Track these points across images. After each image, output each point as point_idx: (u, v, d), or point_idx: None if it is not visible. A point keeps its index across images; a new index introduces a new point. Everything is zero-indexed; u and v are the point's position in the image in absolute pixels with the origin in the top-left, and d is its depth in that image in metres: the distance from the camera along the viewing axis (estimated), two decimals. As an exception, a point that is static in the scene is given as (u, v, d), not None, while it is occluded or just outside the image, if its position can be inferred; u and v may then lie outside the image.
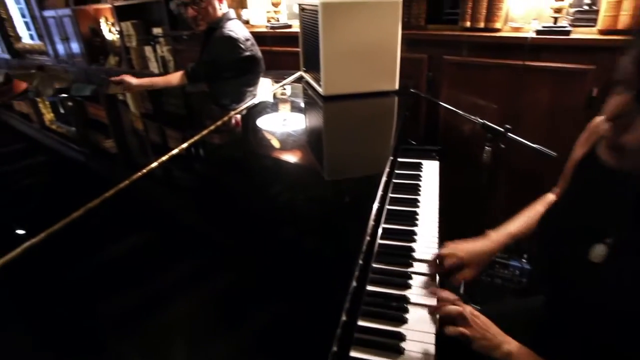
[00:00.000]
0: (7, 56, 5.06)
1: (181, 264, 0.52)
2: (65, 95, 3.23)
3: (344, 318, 0.42)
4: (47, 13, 3.92)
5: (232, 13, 1.82)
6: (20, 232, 0.65)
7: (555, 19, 1.41)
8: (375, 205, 0.62)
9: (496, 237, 0.90)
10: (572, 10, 1.45)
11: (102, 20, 3.53)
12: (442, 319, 0.70)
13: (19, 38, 4.84)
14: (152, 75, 3.18)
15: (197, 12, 1.75)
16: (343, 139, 1.06)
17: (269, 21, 2.27)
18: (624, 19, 1.32)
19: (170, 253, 0.55)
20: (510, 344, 0.65)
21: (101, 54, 3.78)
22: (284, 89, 1.48)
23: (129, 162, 1.02)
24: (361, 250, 0.52)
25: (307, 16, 1.31)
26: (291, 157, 0.90)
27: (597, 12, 1.41)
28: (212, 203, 0.69)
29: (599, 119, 0.69)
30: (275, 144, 0.97)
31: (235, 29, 1.73)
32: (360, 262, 0.51)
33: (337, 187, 0.76)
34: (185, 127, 1.23)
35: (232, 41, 1.69)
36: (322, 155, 0.95)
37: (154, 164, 0.78)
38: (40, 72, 2.32)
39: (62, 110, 1.59)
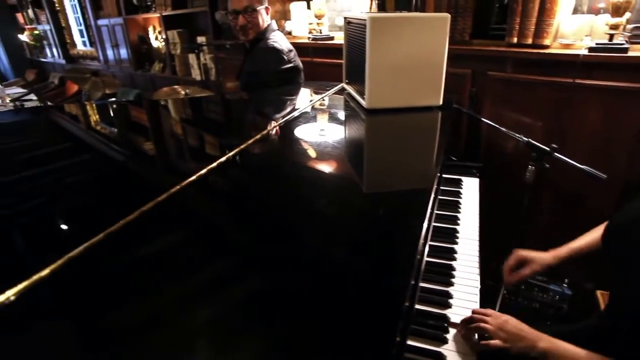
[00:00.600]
0: (62, 61, 5.40)
1: (232, 283, 0.54)
2: (112, 99, 3.41)
3: (397, 339, 0.42)
4: (101, 22, 4.16)
5: (274, 24, 1.87)
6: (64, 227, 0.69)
7: (611, 35, 1.36)
8: (425, 224, 0.62)
9: (559, 252, 0.97)
10: (630, 26, 1.39)
11: (150, 29, 3.71)
12: (478, 335, 0.71)
13: (74, 45, 5.16)
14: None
15: (247, 21, 1.80)
16: (388, 152, 1.06)
17: (310, 32, 2.31)
18: (688, 38, 1.25)
19: (222, 271, 0.56)
20: (543, 340, 0.67)
21: (147, 61, 3.97)
22: (324, 100, 1.49)
23: (168, 166, 1.05)
24: (413, 270, 0.52)
25: (353, 29, 1.33)
26: (334, 170, 0.91)
27: (657, 29, 1.35)
28: (258, 218, 0.71)
29: None
30: (319, 155, 0.98)
31: (279, 40, 1.77)
32: (412, 282, 0.51)
33: (385, 203, 0.76)
34: (224, 135, 1.26)
35: (276, 52, 1.73)
36: (366, 169, 0.95)
37: (203, 171, 0.80)
38: (94, 77, 2.45)
39: (108, 113, 1.67)
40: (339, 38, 2.12)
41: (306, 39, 2.16)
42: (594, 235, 0.90)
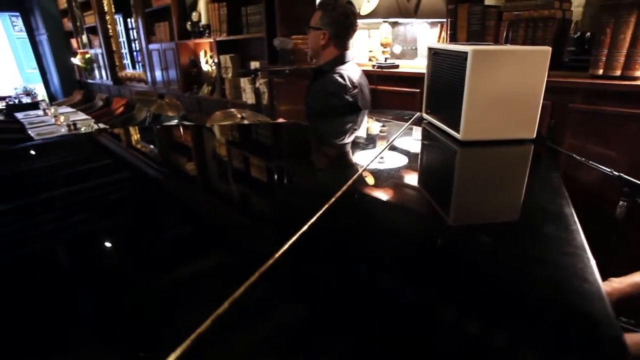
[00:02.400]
0: (109, 82, 5.66)
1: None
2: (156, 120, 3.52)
3: None
4: (153, 46, 4.35)
5: (347, 55, 1.85)
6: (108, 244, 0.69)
7: None
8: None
9: (616, 284, 0.87)
10: None
11: (201, 53, 3.85)
12: None
13: (123, 67, 5.40)
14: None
15: (306, 38, 1.84)
16: (489, 185, 1.04)
17: (370, 60, 2.34)
18: None
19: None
20: None
21: (195, 83, 4.10)
22: (409, 129, 1.49)
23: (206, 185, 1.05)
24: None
25: (442, 60, 1.32)
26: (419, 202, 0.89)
27: None
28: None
29: None
30: (406, 186, 0.97)
31: (345, 74, 1.76)
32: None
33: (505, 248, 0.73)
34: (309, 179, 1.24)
35: (337, 87, 1.74)
36: (455, 200, 0.92)
37: (305, 227, 0.79)
38: (160, 99, 2.54)
39: (151, 133, 1.71)
40: (404, 66, 2.13)
41: (369, 67, 2.18)
42: None
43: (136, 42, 5.01)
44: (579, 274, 0.62)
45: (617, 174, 1.35)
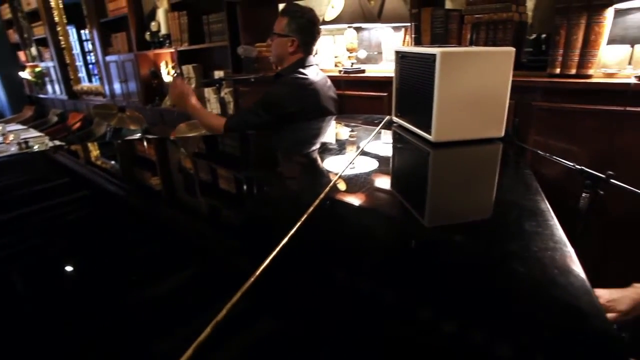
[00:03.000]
0: (64, 97, 5.38)
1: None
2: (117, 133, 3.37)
3: None
4: (110, 58, 4.18)
5: (307, 60, 1.86)
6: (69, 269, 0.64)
7: (658, 65, 1.40)
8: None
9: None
10: (673, 56, 1.43)
11: (162, 64, 3.73)
12: None
13: (78, 80, 5.15)
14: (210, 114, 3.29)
15: (269, 44, 1.84)
16: (464, 184, 1.04)
17: (336, 65, 2.34)
18: None
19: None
20: None
21: (157, 95, 3.97)
22: (380, 133, 1.48)
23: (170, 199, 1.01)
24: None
25: (410, 63, 1.33)
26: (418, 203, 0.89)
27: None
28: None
29: None
30: (383, 190, 0.96)
31: (296, 80, 1.77)
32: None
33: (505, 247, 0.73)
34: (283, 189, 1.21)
35: (288, 89, 1.74)
36: (433, 201, 0.92)
37: (294, 229, 0.76)
38: (121, 113, 2.42)
39: (112, 148, 1.63)
40: (370, 71, 2.15)
41: (336, 72, 2.18)
42: None
43: (92, 54, 4.80)
44: (562, 269, 0.63)
45: (579, 167, 1.40)
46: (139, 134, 2.78)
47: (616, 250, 1.63)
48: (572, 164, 1.42)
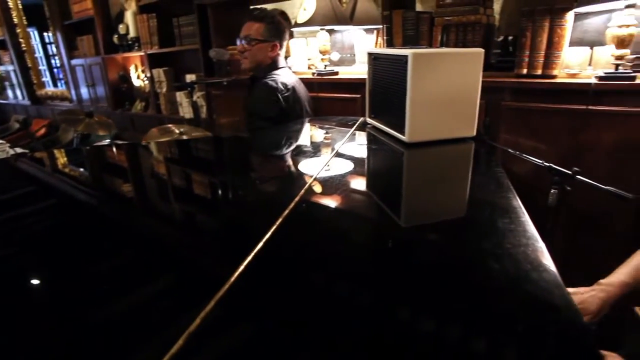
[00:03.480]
0: (26, 102, 5.15)
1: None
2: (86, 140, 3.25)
3: None
4: (76, 62, 4.03)
5: (282, 61, 1.88)
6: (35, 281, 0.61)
7: (617, 65, 1.46)
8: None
9: (609, 287, 0.89)
10: (632, 56, 1.50)
11: (131, 68, 3.63)
12: None
13: (42, 85, 4.94)
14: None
15: (245, 49, 1.82)
16: (439, 183, 1.06)
17: (309, 68, 2.34)
18: (687, 66, 1.36)
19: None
20: None
21: (127, 100, 3.86)
22: (354, 135, 1.49)
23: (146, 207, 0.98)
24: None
25: (383, 64, 1.34)
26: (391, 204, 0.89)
27: (655, 58, 1.47)
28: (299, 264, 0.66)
29: None
30: (360, 191, 0.96)
31: (277, 78, 1.77)
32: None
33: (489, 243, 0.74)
34: (260, 192, 1.19)
35: (269, 91, 1.74)
36: (410, 201, 0.93)
37: (269, 233, 0.75)
38: (88, 118, 2.33)
39: (80, 155, 1.57)
40: (344, 73, 2.15)
41: (309, 75, 2.18)
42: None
43: (56, 57, 4.61)
44: (534, 264, 0.64)
45: (547, 164, 1.44)
46: (108, 140, 2.69)
47: (584, 244, 1.69)
48: (540, 161, 1.47)
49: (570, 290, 0.91)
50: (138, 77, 3.62)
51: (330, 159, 1.19)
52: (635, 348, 1.18)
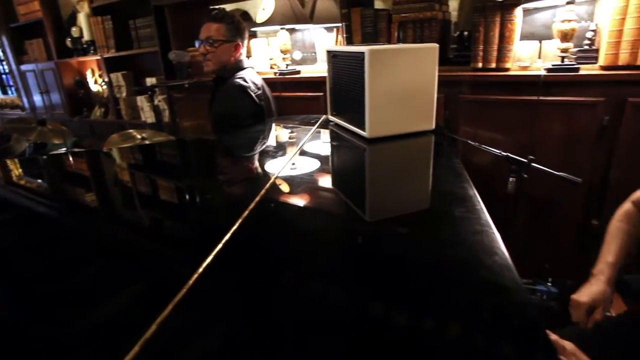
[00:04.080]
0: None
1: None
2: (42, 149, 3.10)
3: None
4: (26, 67, 3.83)
5: (246, 62, 1.86)
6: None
7: (562, 58, 1.54)
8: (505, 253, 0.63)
9: (602, 275, 0.94)
10: (574, 49, 1.58)
11: (88, 72, 3.49)
12: None
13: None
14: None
15: (207, 51, 1.79)
16: (412, 178, 1.08)
17: (271, 67, 2.33)
18: (624, 57, 1.45)
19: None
20: None
21: (85, 106, 3.70)
22: (316, 133, 1.49)
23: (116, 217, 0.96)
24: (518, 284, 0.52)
25: (342, 62, 1.35)
26: (353, 198, 0.90)
27: (596, 50, 1.55)
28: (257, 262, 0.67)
29: None
30: (325, 189, 0.97)
31: (247, 77, 1.76)
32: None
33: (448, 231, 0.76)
34: (219, 191, 1.18)
35: (242, 90, 1.72)
36: (373, 196, 0.95)
37: (229, 234, 0.75)
38: (40, 126, 2.22)
39: (36, 164, 1.48)
40: (306, 71, 2.15)
41: (271, 74, 2.16)
42: (620, 237, 0.95)
43: (4, 62, 4.36)
44: (487, 250, 0.66)
45: (504, 154, 1.50)
46: (64, 149, 2.57)
47: (543, 227, 1.78)
48: (498, 151, 1.52)
49: (576, 295, 0.93)
50: (95, 82, 3.48)
51: (292, 157, 1.18)
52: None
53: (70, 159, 1.55)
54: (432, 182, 1.03)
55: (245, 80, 1.74)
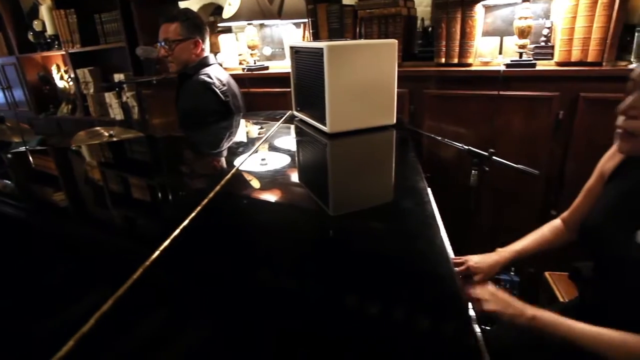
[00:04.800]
0: None
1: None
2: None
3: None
4: (-14, 62, 3.67)
5: (211, 58, 1.84)
6: None
7: (520, 54, 1.58)
8: (446, 242, 0.65)
9: (503, 252, 1.05)
10: (532, 46, 1.63)
11: (53, 68, 3.38)
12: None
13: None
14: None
15: (167, 53, 1.77)
16: (367, 173, 1.09)
17: (240, 63, 2.31)
18: (576, 53, 1.51)
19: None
20: (532, 309, 0.75)
21: (51, 103, 3.58)
22: (279, 129, 1.49)
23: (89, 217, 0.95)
24: (454, 279, 0.54)
25: (304, 58, 1.36)
26: (310, 196, 0.91)
27: (552, 47, 1.61)
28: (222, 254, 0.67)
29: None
30: (295, 185, 0.98)
31: (212, 74, 1.74)
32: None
33: (391, 224, 0.78)
34: (180, 184, 1.17)
35: (207, 87, 1.70)
36: (331, 191, 0.97)
37: (186, 222, 0.75)
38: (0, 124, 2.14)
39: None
40: (274, 67, 2.15)
41: (240, 70, 2.15)
42: (535, 237, 1.03)
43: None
44: (429, 240, 0.68)
45: (466, 147, 1.54)
46: (24, 147, 2.49)
47: (503, 218, 1.83)
48: (460, 145, 1.56)
49: (472, 257, 1.01)
50: (61, 78, 3.38)
51: (252, 152, 1.18)
52: (545, 303, 1.32)
53: (29, 156, 1.50)
54: (387, 177, 1.06)
55: (209, 77, 1.72)
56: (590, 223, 0.82)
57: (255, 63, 2.09)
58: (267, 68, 2.10)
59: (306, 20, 2.04)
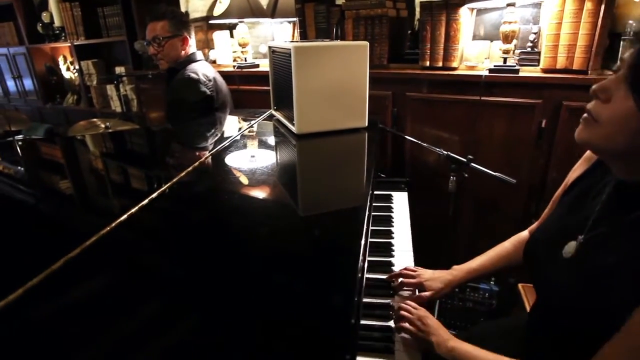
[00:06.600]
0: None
1: (172, 321, 0.51)
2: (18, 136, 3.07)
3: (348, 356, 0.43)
4: (-3, 51, 3.78)
5: (198, 54, 1.87)
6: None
7: (505, 59, 1.55)
8: (363, 241, 0.65)
9: (458, 272, 0.99)
10: (518, 51, 1.60)
11: (60, 59, 3.46)
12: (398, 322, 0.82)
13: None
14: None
15: (157, 51, 1.80)
16: (321, 174, 1.09)
17: (234, 60, 2.32)
18: (561, 60, 1.47)
19: (160, 310, 0.54)
20: (454, 340, 0.74)
21: (58, 93, 3.67)
22: (254, 127, 1.50)
23: (94, 207, 0.98)
24: (356, 288, 0.54)
25: (278, 58, 1.36)
26: (269, 196, 0.91)
27: (538, 53, 1.57)
28: (196, 249, 0.68)
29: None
30: (253, 183, 0.98)
31: (198, 70, 1.77)
32: (355, 299, 0.52)
33: (323, 224, 0.78)
34: (152, 170, 1.20)
35: (192, 83, 1.73)
36: (301, 192, 0.96)
37: (135, 209, 0.76)
38: (-4, 113, 2.21)
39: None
40: (265, 65, 2.16)
41: (231, 67, 2.16)
42: (495, 253, 0.99)
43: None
44: (347, 246, 0.68)
45: (445, 153, 1.52)
46: (30, 136, 2.56)
47: (483, 225, 1.80)
48: (439, 150, 1.54)
49: (425, 271, 0.98)
50: (68, 69, 3.46)
51: (218, 149, 1.19)
52: (519, 314, 1.29)
53: (17, 146, 1.55)
54: (345, 180, 1.05)
55: (196, 73, 1.75)
56: (530, 239, 0.80)
57: (245, 60, 2.10)
58: (257, 66, 2.11)
59: (295, 19, 2.04)
